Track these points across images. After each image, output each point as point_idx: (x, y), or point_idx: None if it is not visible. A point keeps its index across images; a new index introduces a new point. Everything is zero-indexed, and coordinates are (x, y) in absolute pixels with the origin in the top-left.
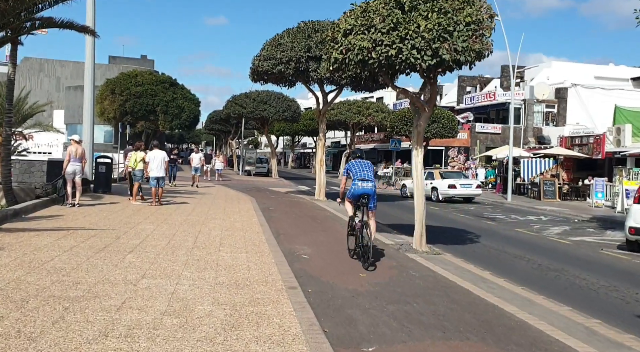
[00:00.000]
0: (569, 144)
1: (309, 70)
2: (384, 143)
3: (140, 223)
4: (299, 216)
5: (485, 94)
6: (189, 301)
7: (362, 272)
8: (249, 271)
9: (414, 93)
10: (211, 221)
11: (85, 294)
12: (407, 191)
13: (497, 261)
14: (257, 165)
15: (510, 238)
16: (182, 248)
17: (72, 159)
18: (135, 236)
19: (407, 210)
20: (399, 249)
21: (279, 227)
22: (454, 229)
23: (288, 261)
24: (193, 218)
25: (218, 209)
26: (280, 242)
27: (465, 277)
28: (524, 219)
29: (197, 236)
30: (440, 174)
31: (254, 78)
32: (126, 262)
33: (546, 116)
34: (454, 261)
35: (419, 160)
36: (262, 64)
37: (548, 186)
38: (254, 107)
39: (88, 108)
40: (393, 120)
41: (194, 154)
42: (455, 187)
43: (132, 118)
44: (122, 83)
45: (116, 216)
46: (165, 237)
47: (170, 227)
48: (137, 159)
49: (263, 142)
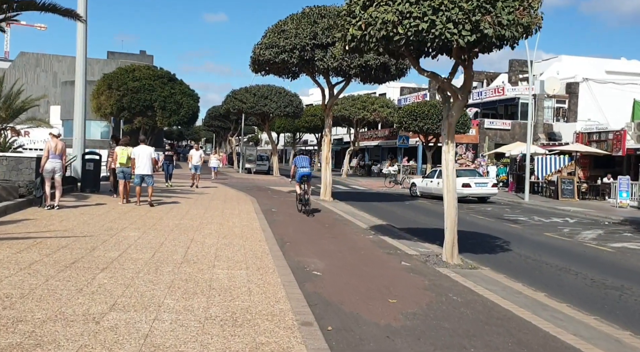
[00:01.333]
0: (585, 140)
1: (314, 60)
2: (389, 140)
3: (125, 229)
4: (305, 219)
5: (493, 89)
6: (168, 351)
7: (390, 296)
8: (249, 296)
9: (445, 78)
10: (207, 226)
11: (23, 341)
12: (417, 190)
13: (542, 276)
14: (257, 163)
15: (543, 245)
16: (168, 263)
17: (50, 155)
18: (115, 246)
19: (421, 211)
20: (427, 261)
21: (284, 233)
22: (478, 234)
23: (297, 279)
24: (186, 222)
25: (215, 212)
26: (286, 253)
27: (518, 301)
28: (549, 222)
29: (189, 245)
30: None
31: (254, 68)
32: (95, 285)
33: (557, 112)
34: (494, 278)
35: (449, 158)
36: (263, 53)
37: (566, 185)
38: (255, 102)
39: (79, 102)
40: (402, 115)
41: (193, 151)
42: (470, 186)
43: (129, 114)
44: (119, 78)
45: (98, 220)
46: (151, 248)
47: (159, 234)
48: (129, 155)
49: (263, 139)
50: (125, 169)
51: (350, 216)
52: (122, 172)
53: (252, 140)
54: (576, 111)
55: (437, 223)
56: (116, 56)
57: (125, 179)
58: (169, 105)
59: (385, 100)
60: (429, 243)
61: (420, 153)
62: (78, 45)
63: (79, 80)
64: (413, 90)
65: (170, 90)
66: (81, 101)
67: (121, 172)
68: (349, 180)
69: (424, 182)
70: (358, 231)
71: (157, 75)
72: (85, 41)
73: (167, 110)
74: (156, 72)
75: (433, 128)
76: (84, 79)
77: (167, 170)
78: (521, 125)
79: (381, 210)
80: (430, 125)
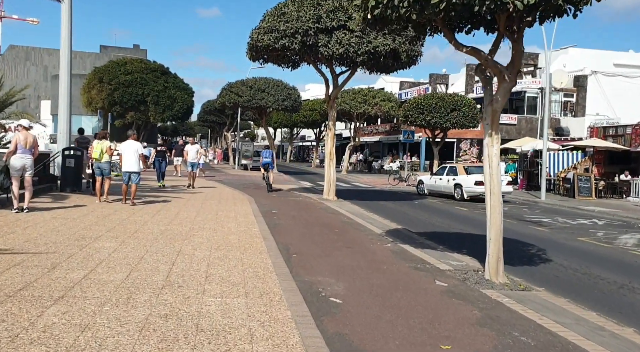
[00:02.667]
0: (600, 135)
1: (317, 45)
2: (390, 135)
3: (100, 238)
4: (310, 223)
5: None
6: None
7: (439, 337)
8: (251, 343)
9: (488, 55)
10: (198, 232)
11: None
12: (425, 188)
13: (606, 297)
14: (254, 159)
15: (583, 253)
16: (145, 288)
17: (19, 150)
18: (83, 262)
19: (434, 212)
20: (466, 279)
21: (288, 241)
22: (507, 240)
23: (313, 312)
24: (174, 228)
25: (209, 214)
26: (294, 270)
27: (610, 344)
28: (576, 224)
29: (175, 260)
30: (465, 169)
31: (251, 55)
32: (38, 328)
33: (564, 106)
34: (557, 303)
35: (493, 152)
36: (262, 38)
37: (583, 182)
38: (251, 95)
39: (64, 93)
40: (407, 108)
41: (189, 146)
42: (484, 184)
43: (121, 108)
44: (111, 71)
45: (71, 226)
46: (126, 265)
47: (140, 244)
48: (103, 149)
49: (260, 134)
50: (101, 164)
51: (359, 218)
52: (98, 168)
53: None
54: (584, 105)
55: (456, 226)
56: (109, 50)
57: (101, 176)
58: (163, 99)
59: (387, 94)
60: (458, 253)
61: (423, 149)
62: (62, 31)
63: (64, 70)
64: (413, 85)
65: (164, 84)
66: (66, 92)
67: (97, 168)
68: (349, 177)
69: (433, 179)
70: (373, 237)
71: (149, 69)
72: (70, 27)
73: (161, 105)
74: (149, 66)
75: (441, 122)
76: (69, 68)
77: (159, 168)
78: (528, 119)
79: (391, 211)
80: (438, 119)
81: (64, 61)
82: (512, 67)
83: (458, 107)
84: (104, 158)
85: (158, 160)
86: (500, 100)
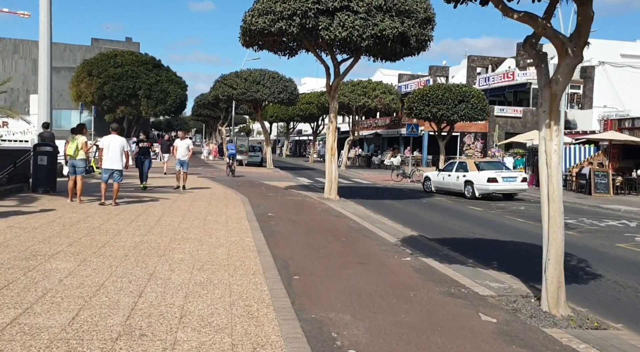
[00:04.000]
0: (615, 128)
1: (318, 29)
2: (390, 129)
3: (56, 255)
4: (313, 229)
5: (502, 74)
6: None
7: None
8: None
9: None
10: (180, 244)
11: None
12: (432, 185)
13: None
14: (249, 154)
15: (630, 264)
16: (92, 341)
17: None
18: (20, 294)
19: (446, 213)
20: (516, 311)
21: (288, 255)
22: (535, 247)
23: None
24: (151, 240)
25: (195, 220)
26: (298, 302)
27: None
28: (605, 226)
29: (144, 289)
30: (476, 164)
31: (245, 41)
32: None
33: (571, 98)
34: None
35: (552, 148)
36: (256, 21)
37: (600, 178)
38: (246, 87)
39: (44, 86)
40: (411, 100)
41: (178, 142)
42: (497, 181)
43: (112, 102)
44: (100, 64)
45: (26, 239)
46: (77, 298)
47: (104, 264)
48: (78, 145)
49: (255, 129)
50: (76, 161)
51: (367, 222)
52: (73, 165)
53: (244, 130)
54: (591, 97)
55: (476, 230)
56: (100, 43)
57: (75, 174)
58: (155, 93)
59: (388, 86)
60: (493, 269)
61: (425, 143)
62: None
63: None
64: (412, 77)
65: (156, 77)
66: (46, 84)
67: (72, 166)
68: (348, 172)
69: (440, 176)
70: (387, 248)
71: (141, 61)
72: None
73: (153, 99)
74: (140, 58)
75: (448, 114)
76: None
77: (142, 167)
78: (533, 112)
79: (399, 212)
80: (445, 111)
81: (43, 49)
82: (578, 38)
83: (466, 99)
84: (79, 155)
85: (140, 158)
86: (562, 80)
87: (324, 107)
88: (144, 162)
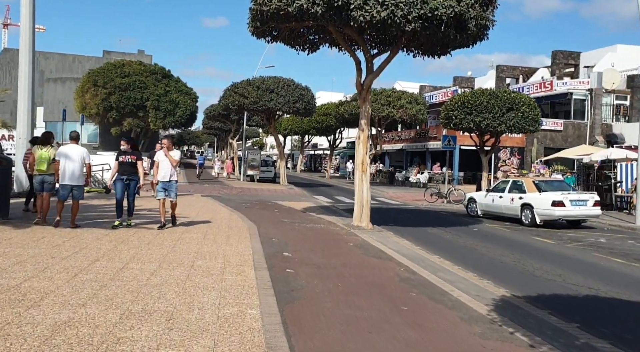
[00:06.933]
0: None
1: (349, 7)
2: (415, 142)
3: None
4: (351, 284)
5: (538, 84)
6: None
7: None
8: None
9: None
10: (131, 332)
11: None
12: (477, 208)
13: None
14: (261, 169)
15: None
16: None
17: None
18: None
19: (510, 247)
20: None
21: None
22: None
23: None
24: (87, 317)
25: (177, 268)
26: None
27: None
28: None
29: None
30: (536, 184)
31: (255, 28)
32: None
33: (616, 109)
34: None
35: None
36: (269, 1)
37: None
38: (258, 96)
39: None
40: (449, 108)
41: (161, 154)
42: (563, 205)
43: (118, 114)
44: (106, 74)
45: None
46: None
47: None
48: (47, 157)
49: (269, 143)
50: (47, 177)
51: (426, 271)
52: (43, 182)
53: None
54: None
55: (572, 277)
56: (112, 55)
57: (45, 191)
58: (164, 104)
59: (414, 95)
60: None
61: (456, 158)
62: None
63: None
64: (434, 89)
65: (165, 88)
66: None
67: (41, 182)
68: (371, 190)
69: (489, 197)
70: (480, 326)
71: (149, 71)
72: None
73: (162, 111)
74: (149, 68)
75: (495, 124)
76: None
77: (122, 193)
78: (575, 125)
79: (453, 247)
80: (490, 120)
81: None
82: None
83: (516, 106)
84: (51, 169)
85: (121, 179)
86: None
87: (343, 118)
88: (127, 186)
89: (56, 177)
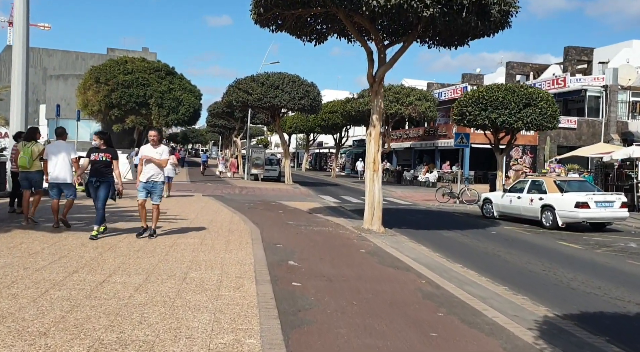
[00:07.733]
0: None
1: None
2: (424, 140)
3: None
4: (367, 302)
5: (550, 81)
6: None
7: None
8: None
9: None
10: None
11: None
12: (493, 209)
13: None
14: (266, 168)
15: None
16: None
17: None
18: None
19: (534, 252)
20: None
21: None
22: None
23: None
24: (47, 348)
25: (167, 281)
26: None
27: None
28: None
29: None
30: (557, 184)
31: (258, 14)
32: None
33: (632, 107)
34: None
35: None
36: None
37: None
38: (263, 92)
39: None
40: (463, 104)
41: (146, 149)
42: (588, 207)
43: (120, 112)
44: (109, 71)
45: None
46: None
47: None
48: (33, 154)
49: (273, 142)
50: (32, 174)
51: (451, 283)
52: (26, 179)
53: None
54: None
55: (612, 290)
56: (116, 52)
57: (30, 189)
58: (167, 101)
59: (423, 92)
60: None
61: (467, 156)
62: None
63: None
64: (442, 86)
65: (169, 85)
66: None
67: (25, 179)
68: None
69: (506, 198)
70: None
71: (152, 68)
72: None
73: (165, 108)
74: (152, 65)
75: (511, 121)
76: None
77: (100, 195)
78: (589, 123)
79: (474, 253)
80: (506, 117)
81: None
82: None
83: (533, 102)
84: (35, 166)
85: (91, 181)
86: None
87: (350, 115)
88: (98, 188)
89: (45, 177)
